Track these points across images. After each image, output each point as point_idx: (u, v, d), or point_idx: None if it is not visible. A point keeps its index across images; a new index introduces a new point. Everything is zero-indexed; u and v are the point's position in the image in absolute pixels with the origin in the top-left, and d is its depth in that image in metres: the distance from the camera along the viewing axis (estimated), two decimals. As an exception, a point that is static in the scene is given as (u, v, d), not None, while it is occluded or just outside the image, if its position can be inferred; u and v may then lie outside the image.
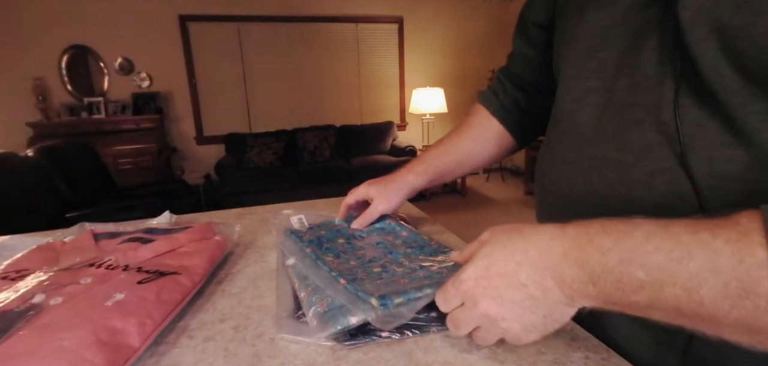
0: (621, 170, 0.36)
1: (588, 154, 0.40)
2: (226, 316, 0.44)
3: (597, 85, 0.40)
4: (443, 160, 0.65)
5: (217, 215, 0.83)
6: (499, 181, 4.70)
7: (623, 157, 0.36)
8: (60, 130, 3.49)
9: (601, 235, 0.28)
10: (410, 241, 0.55)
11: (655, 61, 0.34)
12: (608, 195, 0.38)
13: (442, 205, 3.88)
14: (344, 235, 0.57)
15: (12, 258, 0.51)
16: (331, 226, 0.61)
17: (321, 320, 0.37)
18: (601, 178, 0.38)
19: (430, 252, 0.51)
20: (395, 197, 0.62)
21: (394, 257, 0.49)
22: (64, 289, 0.41)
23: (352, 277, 0.42)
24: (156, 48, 3.86)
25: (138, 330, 0.36)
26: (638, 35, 0.36)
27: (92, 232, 0.60)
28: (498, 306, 0.32)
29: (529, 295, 0.31)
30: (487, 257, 0.33)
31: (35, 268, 0.48)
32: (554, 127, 0.48)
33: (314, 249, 0.49)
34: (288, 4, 4.11)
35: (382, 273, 0.44)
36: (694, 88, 0.31)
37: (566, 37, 0.45)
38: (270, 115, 4.31)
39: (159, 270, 0.46)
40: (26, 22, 3.52)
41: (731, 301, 0.22)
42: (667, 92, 0.33)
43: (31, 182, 2.21)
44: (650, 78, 0.34)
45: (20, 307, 0.38)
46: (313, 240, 0.54)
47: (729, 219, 0.24)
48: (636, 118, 0.35)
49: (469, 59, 4.83)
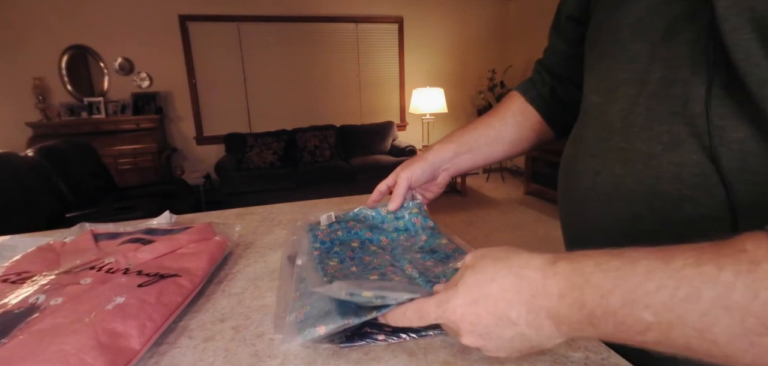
0: (649, 162, 0.36)
1: (616, 146, 0.40)
2: (226, 316, 0.44)
3: (628, 77, 0.39)
4: (473, 134, 0.62)
5: (217, 215, 0.83)
6: (499, 181, 4.70)
7: (652, 148, 0.36)
8: (60, 130, 3.49)
9: (597, 274, 0.26)
10: (427, 246, 0.53)
11: (688, 52, 0.34)
12: (634, 187, 0.37)
13: (443, 205, 3.87)
14: (361, 238, 0.54)
15: (12, 260, 0.51)
16: (356, 221, 0.58)
17: (292, 329, 0.37)
18: (629, 169, 0.38)
19: (440, 257, 0.49)
20: (420, 163, 0.60)
21: (400, 265, 0.47)
22: (64, 289, 0.41)
23: None
24: (156, 48, 3.86)
25: (138, 332, 0.36)
26: (671, 26, 0.35)
27: (92, 233, 0.60)
28: (482, 341, 0.30)
29: (519, 334, 0.29)
30: (476, 289, 0.31)
31: (36, 270, 0.48)
32: (582, 120, 0.47)
33: (322, 252, 0.49)
34: (288, 4, 4.12)
35: (379, 280, 0.43)
36: (727, 80, 0.31)
37: (599, 28, 0.45)
38: (270, 115, 4.31)
39: (159, 273, 0.46)
40: (26, 22, 3.52)
41: (749, 339, 0.21)
42: (699, 84, 0.33)
43: (31, 182, 2.21)
44: (682, 69, 0.34)
45: (21, 308, 0.38)
46: (326, 242, 0.52)
47: (731, 245, 0.23)
48: (667, 109, 0.35)
49: (469, 59, 4.83)
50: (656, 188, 0.36)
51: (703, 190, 0.32)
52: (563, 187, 0.50)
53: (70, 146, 2.70)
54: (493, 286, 0.30)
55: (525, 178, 4.11)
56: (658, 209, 0.36)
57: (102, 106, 3.72)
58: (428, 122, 4.45)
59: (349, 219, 0.58)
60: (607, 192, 0.40)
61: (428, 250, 0.51)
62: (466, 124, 0.65)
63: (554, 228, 3.05)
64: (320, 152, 3.97)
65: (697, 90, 0.33)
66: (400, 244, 0.54)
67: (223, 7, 3.93)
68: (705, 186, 0.32)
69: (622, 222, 0.39)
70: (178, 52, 3.94)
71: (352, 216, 0.59)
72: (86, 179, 2.67)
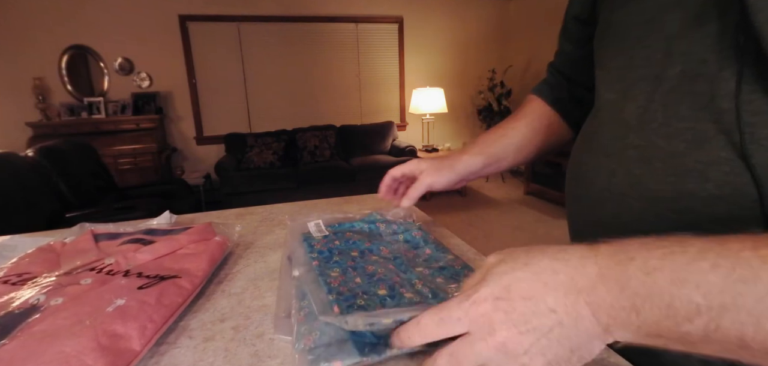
0: (671, 160, 0.34)
1: (632, 144, 0.38)
2: (226, 316, 0.44)
3: (644, 73, 0.38)
4: (501, 142, 0.60)
5: (217, 215, 0.83)
6: (499, 182, 4.70)
7: (673, 146, 0.34)
8: (60, 130, 3.49)
9: (643, 251, 0.24)
10: (432, 260, 0.50)
11: (714, 46, 0.32)
12: (656, 187, 0.35)
13: (443, 206, 3.88)
14: (360, 248, 0.52)
15: (12, 261, 0.51)
16: (352, 232, 0.56)
17: (304, 360, 0.34)
18: (648, 169, 0.36)
19: (450, 274, 0.46)
20: (447, 173, 0.57)
21: (408, 278, 0.45)
22: (65, 289, 0.42)
23: (350, 301, 0.38)
24: (156, 48, 3.86)
25: (139, 334, 0.36)
26: (694, 19, 0.33)
27: (92, 233, 0.60)
28: (521, 336, 0.26)
29: (558, 323, 0.26)
30: (507, 275, 0.28)
31: (36, 272, 0.48)
32: (593, 118, 0.45)
33: (321, 262, 0.46)
34: (288, 4, 4.12)
35: (387, 297, 0.40)
36: (758, 74, 0.30)
37: (609, 25, 0.43)
38: (270, 115, 4.31)
39: (159, 274, 0.46)
40: (26, 22, 3.52)
41: None
42: (727, 79, 0.31)
43: (31, 182, 2.21)
44: (707, 64, 0.32)
45: (21, 309, 0.38)
46: (324, 251, 0.50)
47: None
48: (689, 105, 0.33)
49: (469, 59, 4.83)
50: (681, 188, 0.34)
51: (733, 189, 0.31)
52: (573, 188, 0.48)
53: (70, 146, 2.70)
54: (526, 270, 0.27)
55: (525, 178, 4.11)
56: (684, 210, 0.34)
57: (102, 106, 3.72)
58: (428, 122, 4.45)
59: (345, 230, 0.56)
60: (623, 192, 0.39)
61: (437, 267, 0.48)
62: (490, 128, 0.63)
63: (554, 228, 3.05)
64: (320, 152, 3.97)
65: (726, 84, 0.31)
66: (403, 254, 0.51)
67: (223, 7, 3.93)
68: (735, 185, 0.31)
69: (641, 223, 0.37)
70: (178, 52, 3.94)
71: (347, 227, 0.57)
72: (86, 179, 2.67)
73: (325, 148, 4.00)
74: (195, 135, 4.17)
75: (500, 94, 4.52)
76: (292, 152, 4.01)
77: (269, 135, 4.00)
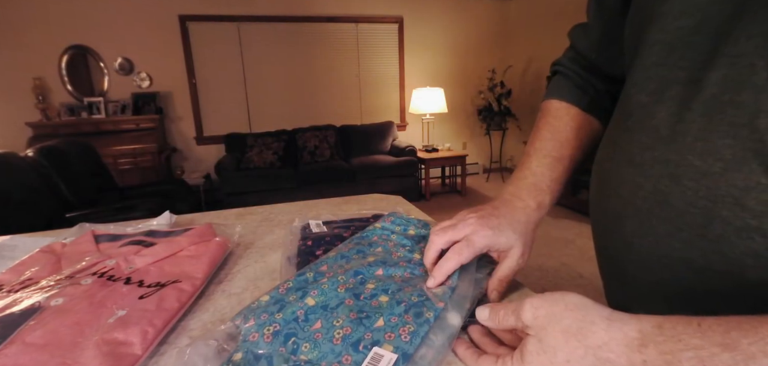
0: (703, 180, 0.30)
1: (661, 157, 0.33)
2: (226, 316, 0.44)
3: (681, 75, 0.33)
4: (558, 184, 0.51)
5: (217, 215, 0.83)
6: (499, 182, 4.70)
7: (708, 165, 0.30)
8: (60, 130, 3.49)
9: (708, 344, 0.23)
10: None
11: (765, 50, 0.27)
12: (684, 208, 0.32)
13: (443, 206, 3.87)
14: (348, 257, 0.49)
15: (13, 264, 0.51)
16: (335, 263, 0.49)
17: None
18: (677, 187, 0.32)
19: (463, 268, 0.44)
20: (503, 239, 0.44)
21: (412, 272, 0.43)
22: (65, 290, 0.42)
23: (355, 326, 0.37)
24: (156, 48, 3.86)
25: (140, 339, 0.36)
26: (743, 15, 0.29)
27: (93, 234, 0.60)
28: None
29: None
30: (551, 353, 0.28)
31: (37, 276, 0.48)
32: (623, 121, 0.40)
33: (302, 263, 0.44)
34: (288, 4, 4.12)
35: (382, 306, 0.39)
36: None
37: (646, 15, 0.38)
38: (270, 115, 4.31)
39: (160, 282, 0.46)
40: (26, 22, 3.52)
41: None
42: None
43: (31, 182, 2.21)
44: (755, 71, 0.27)
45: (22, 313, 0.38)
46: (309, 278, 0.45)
47: None
48: (730, 119, 0.29)
49: (469, 59, 4.83)
50: (712, 212, 0.30)
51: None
52: (597, 193, 0.44)
53: (70, 146, 2.70)
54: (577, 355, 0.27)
55: (525, 178, 4.10)
56: (714, 237, 0.30)
57: (102, 106, 3.72)
58: (428, 122, 4.45)
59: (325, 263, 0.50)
60: (648, 209, 0.35)
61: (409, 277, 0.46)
62: (536, 155, 0.52)
63: (554, 228, 3.05)
64: (320, 152, 3.98)
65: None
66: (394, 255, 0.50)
67: (223, 7, 3.93)
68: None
69: (665, 247, 0.34)
70: (178, 52, 3.94)
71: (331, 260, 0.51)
72: (86, 179, 2.67)
73: (325, 148, 4.00)
74: (195, 135, 4.17)
75: (500, 94, 4.52)
76: (292, 152, 4.01)
77: (269, 135, 4.00)
